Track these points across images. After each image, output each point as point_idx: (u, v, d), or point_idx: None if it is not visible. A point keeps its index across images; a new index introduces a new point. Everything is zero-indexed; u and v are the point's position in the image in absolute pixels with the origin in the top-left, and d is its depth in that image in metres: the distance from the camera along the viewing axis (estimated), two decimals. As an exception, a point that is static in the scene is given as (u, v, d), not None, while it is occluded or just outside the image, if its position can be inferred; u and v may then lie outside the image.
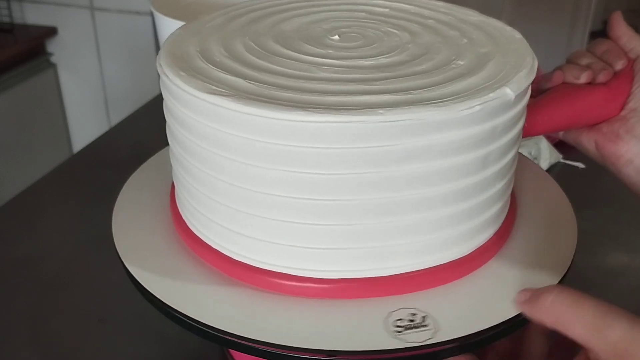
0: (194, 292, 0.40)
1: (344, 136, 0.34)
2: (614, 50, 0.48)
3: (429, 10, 0.49)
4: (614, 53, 0.48)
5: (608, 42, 0.48)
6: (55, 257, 0.66)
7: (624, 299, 0.61)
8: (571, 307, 0.32)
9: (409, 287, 0.39)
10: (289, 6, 0.51)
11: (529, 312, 0.35)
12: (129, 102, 1.48)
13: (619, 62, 0.47)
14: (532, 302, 0.35)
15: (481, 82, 0.37)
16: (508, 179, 0.42)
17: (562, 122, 0.46)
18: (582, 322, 0.32)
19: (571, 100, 0.46)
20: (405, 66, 0.40)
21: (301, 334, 0.36)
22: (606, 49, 0.48)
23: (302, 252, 0.38)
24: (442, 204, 0.38)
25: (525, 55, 0.41)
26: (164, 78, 0.40)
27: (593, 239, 0.68)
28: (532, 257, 0.42)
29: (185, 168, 0.41)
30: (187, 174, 0.41)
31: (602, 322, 0.31)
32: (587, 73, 0.46)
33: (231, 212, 0.39)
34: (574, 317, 0.32)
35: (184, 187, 0.43)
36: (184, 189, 0.43)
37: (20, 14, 1.63)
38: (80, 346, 0.55)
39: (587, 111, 0.46)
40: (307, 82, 0.38)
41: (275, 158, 0.36)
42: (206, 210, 0.41)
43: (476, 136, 0.37)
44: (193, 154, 0.40)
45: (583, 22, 1.71)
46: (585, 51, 0.49)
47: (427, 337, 0.36)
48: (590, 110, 0.46)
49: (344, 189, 0.36)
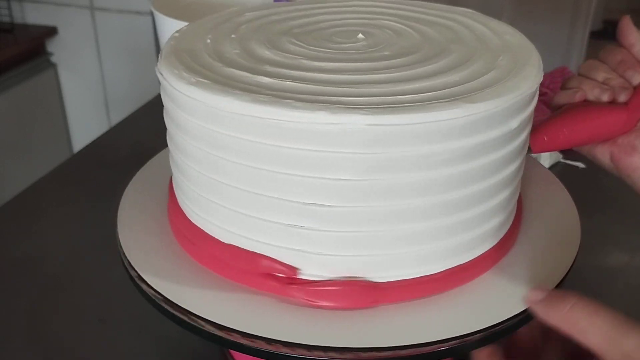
0: (194, 292, 0.40)
1: (354, 139, 0.34)
2: (629, 62, 0.47)
3: (457, 16, 0.49)
4: (630, 64, 0.47)
5: (622, 52, 0.47)
6: (55, 257, 0.66)
7: (624, 299, 0.61)
8: (588, 316, 0.33)
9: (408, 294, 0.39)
10: (298, 7, 0.51)
11: (542, 313, 0.35)
12: (129, 102, 1.48)
13: (636, 76, 0.46)
14: (547, 305, 0.35)
15: (490, 83, 0.38)
16: (514, 186, 0.42)
17: (582, 139, 0.46)
18: (599, 332, 0.32)
19: (592, 119, 0.45)
20: (414, 68, 0.40)
21: (301, 334, 0.36)
22: (620, 59, 0.47)
23: (306, 256, 0.38)
24: (446, 211, 0.38)
25: (534, 63, 0.41)
26: (164, 84, 0.40)
27: (593, 238, 0.68)
28: (533, 265, 0.43)
29: (186, 172, 0.41)
30: (190, 180, 0.41)
31: (618, 333, 0.32)
32: (609, 94, 0.46)
33: (233, 214, 0.39)
34: (591, 326, 0.32)
35: (185, 190, 0.43)
36: (186, 191, 0.43)
37: (21, 14, 1.63)
38: (80, 346, 0.55)
39: (607, 129, 0.46)
40: (315, 84, 0.38)
41: (279, 161, 0.36)
42: (206, 212, 0.41)
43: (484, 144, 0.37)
44: (196, 159, 0.40)
45: (583, 22, 1.70)
46: (599, 63, 0.48)
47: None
48: (611, 128, 0.46)
49: (352, 195, 0.36)
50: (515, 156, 0.40)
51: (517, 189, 0.44)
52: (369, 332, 0.37)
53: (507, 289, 0.40)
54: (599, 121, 0.46)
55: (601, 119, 0.45)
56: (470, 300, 0.39)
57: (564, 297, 0.34)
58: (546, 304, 0.35)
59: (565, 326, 0.34)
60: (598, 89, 0.46)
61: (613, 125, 0.46)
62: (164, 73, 0.40)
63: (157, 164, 0.53)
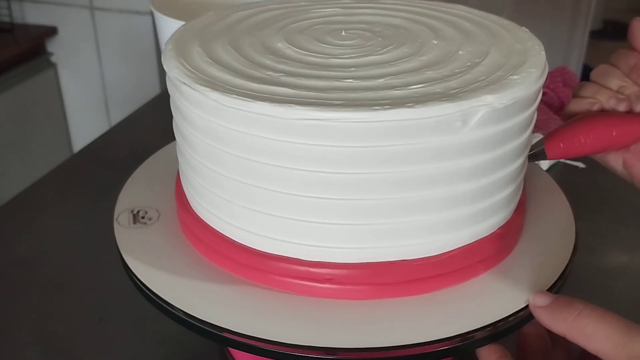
0: (193, 291, 0.40)
1: (353, 134, 0.34)
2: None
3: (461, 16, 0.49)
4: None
5: (634, 56, 0.46)
6: (55, 257, 0.66)
7: (624, 299, 0.61)
8: (596, 322, 0.33)
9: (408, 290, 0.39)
10: (299, 4, 0.51)
11: (546, 320, 0.35)
12: (129, 102, 1.48)
13: None
14: (553, 312, 0.35)
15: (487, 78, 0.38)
16: (517, 183, 0.42)
17: (598, 147, 0.46)
18: (606, 338, 0.32)
19: (609, 129, 0.45)
20: (411, 65, 0.40)
21: (302, 333, 0.36)
22: (634, 64, 0.46)
23: (311, 228, 0.38)
24: (451, 204, 0.38)
25: (538, 61, 0.41)
26: (172, 78, 0.40)
27: (593, 239, 0.68)
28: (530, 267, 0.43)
29: (193, 165, 0.42)
30: (199, 174, 0.41)
31: (626, 338, 0.32)
32: (626, 104, 0.45)
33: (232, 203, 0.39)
34: (598, 333, 0.33)
35: (190, 181, 0.43)
36: (191, 182, 0.43)
37: (20, 14, 1.63)
38: (80, 346, 0.55)
39: (624, 138, 0.46)
40: (312, 79, 0.38)
41: (277, 154, 0.36)
42: (211, 205, 0.41)
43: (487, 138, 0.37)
44: (199, 151, 0.40)
45: (583, 21, 1.71)
46: (612, 68, 0.47)
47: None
48: (628, 137, 0.46)
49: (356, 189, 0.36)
50: (518, 154, 0.40)
51: (520, 187, 0.44)
52: (374, 331, 0.37)
53: (507, 288, 0.40)
54: (616, 131, 0.45)
55: (618, 128, 0.45)
56: (470, 299, 0.40)
57: (571, 304, 0.34)
58: (551, 311, 0.35)
59: (572, 334, 0.34)
60: (614, 100, 0.46)
61: (630, 135, 0.46)
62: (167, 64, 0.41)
63: (154, 163, 0.53)
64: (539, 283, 0.40)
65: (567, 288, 0.41)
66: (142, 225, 0.46)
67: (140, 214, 0.47)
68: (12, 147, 1.52)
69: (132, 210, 0.47)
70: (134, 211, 0.47)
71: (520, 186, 0.44)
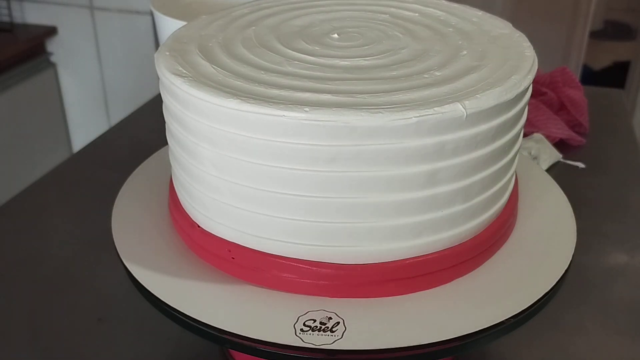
0: (193, 292, 0.40)
1: (320, 134, 0.35)
2: None
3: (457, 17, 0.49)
4: None
5: None
6: (55, 257, 0.66)
7: (623, 299, 0.61)
8: None
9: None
10: (294, 6, 0.51)
11: None
12: (129, 101, 1.48)
13: None
14: None
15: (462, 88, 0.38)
16: (503, 182, 0.42)
17: None
18: None
19: None
20: (386, 69, 0.40)
21: (300, 334, 0.36)
22: None
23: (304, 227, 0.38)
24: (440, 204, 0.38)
25: (524, 62, 0.41)
26: (163, 79, 0.40)
27: (593, 238, 0.68)
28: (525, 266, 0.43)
29: (186, 168, 0.42)
30: (189, 175, 0.41)
31: None
32: None
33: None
34: None
35: (181, 184, 0.43)
36: (182, 184, 0.43)
37: (20, 14, 1.63)
38: (80, 346, 0.55)
39: None
40: (303, 79, 0.38)
41: (270, 155, 0.36)
42: (204, 208, 0.41)
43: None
44: (191, 153, 0.40)
45: (583, 22, 1.71)
46: None
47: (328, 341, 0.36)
48: None
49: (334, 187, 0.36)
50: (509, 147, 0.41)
51: (508, 186, 0.44)
52: (372, 332, 0.37)
53: (504, 290, 0.40)
54: None
55: None
56: (469, 299, 0.40)
57: None
58: None
59: None
60: None
61: None
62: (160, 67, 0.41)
63: (153, 163, 0.53)
64: (539, 284, 0.40)
65: (567, 288, 0.41)
66: (141, 226, 0.46)
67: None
68: (12, 147, 1.52)
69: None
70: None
71: (509, 186, 0.44)
